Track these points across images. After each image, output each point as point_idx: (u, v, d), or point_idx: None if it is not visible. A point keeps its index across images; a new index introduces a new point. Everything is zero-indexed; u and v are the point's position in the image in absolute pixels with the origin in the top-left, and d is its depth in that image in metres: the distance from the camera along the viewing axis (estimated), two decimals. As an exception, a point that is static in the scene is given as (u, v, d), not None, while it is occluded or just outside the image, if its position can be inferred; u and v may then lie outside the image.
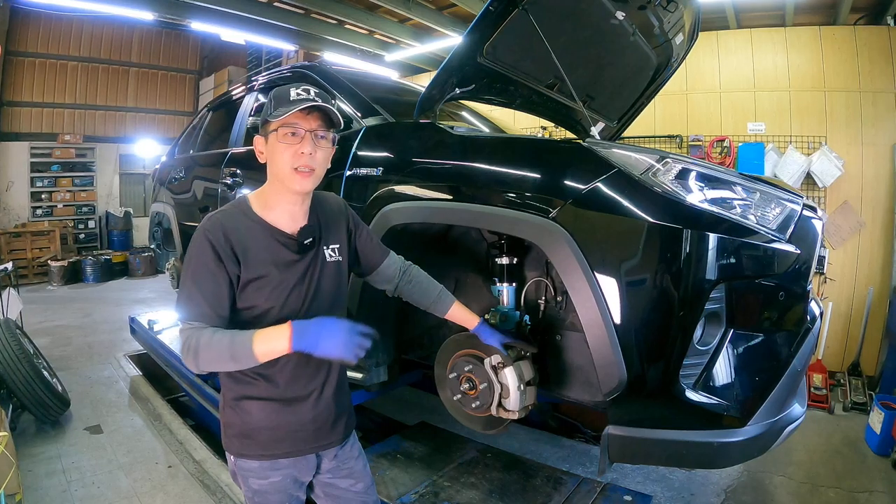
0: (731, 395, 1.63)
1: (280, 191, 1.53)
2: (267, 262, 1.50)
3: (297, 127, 1.46)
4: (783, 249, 1.63)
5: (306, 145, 1.47)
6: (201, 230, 1.48)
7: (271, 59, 10.90)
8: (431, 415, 3.49)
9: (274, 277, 1.50)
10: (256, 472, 1.59)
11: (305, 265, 1.56)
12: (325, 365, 1.62)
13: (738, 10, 5.50)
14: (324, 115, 1.50)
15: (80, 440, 3.78)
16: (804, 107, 5.35)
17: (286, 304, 1.52)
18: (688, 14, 2.87)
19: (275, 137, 1.47)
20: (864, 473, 3.57)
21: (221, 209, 1.59)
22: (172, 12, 7.06)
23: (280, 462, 1.59)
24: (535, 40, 2.33)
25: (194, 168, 4.14)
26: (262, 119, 1.52)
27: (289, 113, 1.43)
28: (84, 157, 11.91)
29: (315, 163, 1.49)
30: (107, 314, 7.52)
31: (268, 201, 1.55)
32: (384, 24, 7.37)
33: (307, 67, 3.13)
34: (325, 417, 1.64)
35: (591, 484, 2.67)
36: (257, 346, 1.36)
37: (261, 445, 1.57)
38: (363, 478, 1.79)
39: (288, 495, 1.64)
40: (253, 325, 1.48)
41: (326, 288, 1.61)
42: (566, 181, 1.76)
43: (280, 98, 1.48)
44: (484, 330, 1.84)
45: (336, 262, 1.65)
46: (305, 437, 1.61)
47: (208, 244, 1.44)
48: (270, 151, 1.50)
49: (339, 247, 1.67)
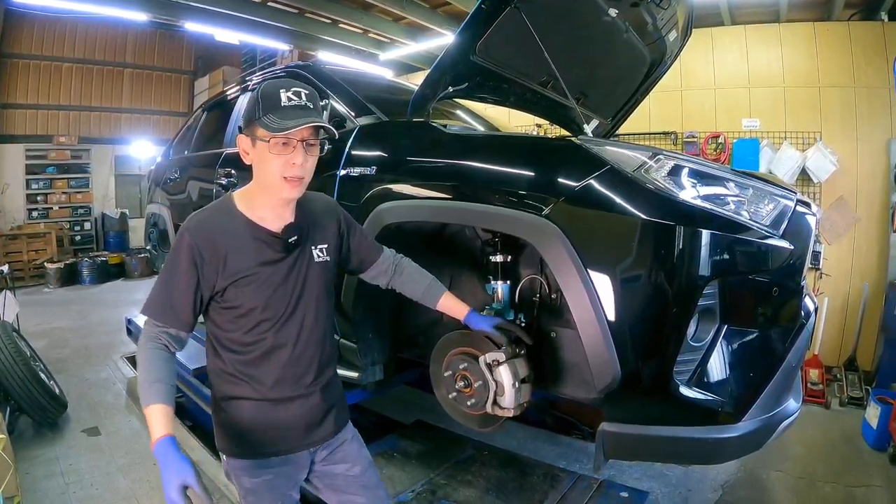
0: (726, 391, 1.64)
1: (265, 194, 1.53)
2: (250, 261, 1.49)
3: (289, 137, 1.43)
4: (776, 245, 1.64)
5: (298, 156, 1.46)
6: (183, 230, 1.49)
7: (266, 59, 10.86)
8: (428, 413, 3.49)
9: (257, 276, 1.50)
10: (248, 471, 1.58)
11: (290, 264, 1.56)
12: (313, 365, 1.62)
13: (732, 6, 5.51)
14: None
15: (78, 442, 3.78)
16: (799, 103, 5.36)
17: (270, 303, 1.52)
18: (681, 11, 2.87)
19: (264, 147, 1.44)
20: (861, 468, 3.58)
21: (205, 208, 1.58)
22: (166, 13, 7.05)
23: (271, 461, 1.59)
24: (528, 38, 2.33)
25: (189, 169, 4.13)
26: (248, 118, 1.48)
27: (285, 131, 1.40)
28: (79, 159, 11.87)
29: (305, 171, 1.49)
30: (103, 316, 7.51)
31: (254, 200, 1.55)
32: (378, 23, 7.38)
33: (301, 67, 3.13)
34: (314, 415, 1.64)
35: (588, 481, 2.68)
36: (147, 413, 1.38)
37: (250, 445, 1.57)
38: (359, 460, 1.76)
39: (281, 494, 1.63)
40: (238, 325, 1.50)
41: (313, 288, 1.61)
42: (559, 179, 1.76)
43: (270, 101, 1.44)
44: (474, 316, 1.84)
45: (324, 262, 1.64)
46: (295, 436, 1.61)
47: (186, 246, 1.45)
48: (259, 157, 1.47)
49: (328, 247, 1.66)
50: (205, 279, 1.46)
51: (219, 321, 1.53)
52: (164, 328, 1.47)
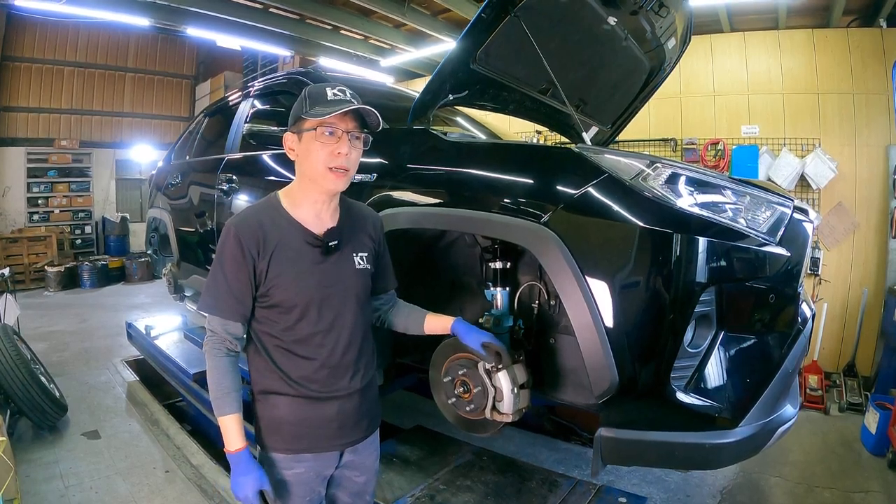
0: (723, 396, 1.65)
1: (309, 189, 1.57)
2: (294, 259, 1.54)
3: (334, 127, 1.49)
4: (773, 252, 1.65)
5: (343, 145, 1.51)
6: (229, 225, 1.54)
7: (267, 65, 10.90)
8: (427, 418, 3.49)
9: (299, 275, 1.54)
10: (281, 464, 1.61)
11: (331, 267, 1.59)
12: (350, 368, 1.64)
13: (731, 13, 5.54)
14: (359, 117, 1.54)
15: (78, 445, 3.78)
16: (798, 109, 5.38)
17: (310, 303, 1.55)
18: (680, 18, 2.90)
19: (311, 136, 1.50)
20: (860, 473, 3.58)
21: (252, 205, 1.64)
22: (168, 18, 7.08)
23: (304, 456, 1.62)
24: (528, 46, 2.35)
25: (190, 174, 4.14)
26: (295, 116, 1.54)
27: (331, 114, 1.46)
28: (80, 163, 11.86)
29: (350, 163, 1.53)
30: (104, 319, 7.51)
31: (295, 199, 1.59)
32: (379, 30, 7.41)
33: (302, 73, 3.15)
34: (349, 416, 1.66)
35: (587, 486, 2.68)
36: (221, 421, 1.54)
37: (284, 439, 1.60)
38: (368, 471, 1.81)
39: (310, 489, 1.65)
40: (278, 322, 1.55)
41: (352, 293, 1.64)
42: (557, 186, 1.78)
43: (316, 97, 1.51)
44: (460, 327, 1.78)
45: (364, 269, 1.67)
46: (329, 435, 1.63)
47: (234, 239, 1.50)
48: (304, 149, 1.53)
49: (367, 255, 1.69)
50: (256, 270, 1.51)
51: (260, 317, 1.57)
52: (226, 324, 1.53)
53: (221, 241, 1.53)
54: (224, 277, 1.51)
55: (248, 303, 1.53)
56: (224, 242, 1.52)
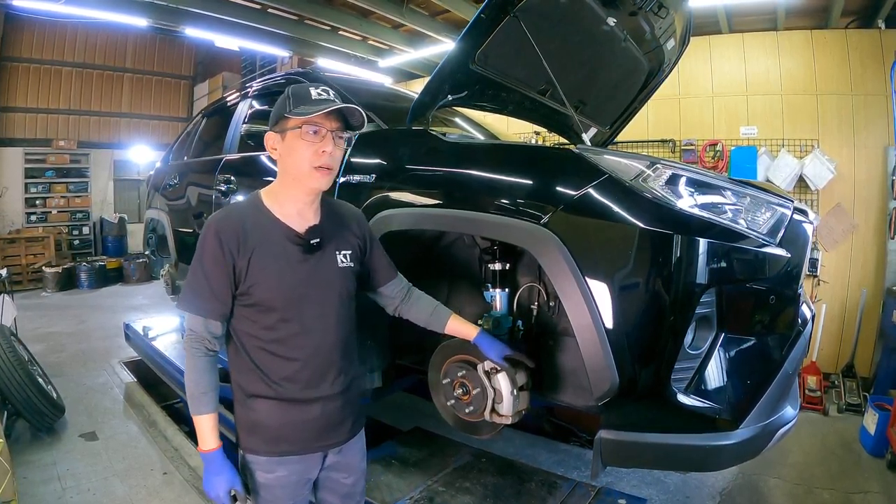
0: (723, 398, 1.64)
1: (291, 188, 1.57)
2: (275, 257, 1.53)
3: (319, 126, 1.50)
4: (773, 253, 1.65)
5: (328, 144, 1.51)
6: (209, 222, 1.54)
7: (265, 65, 10.88)
8: (426, 420, 3.48)
9: (280, 274, 1.53)
10: (263, 466, 1.60)
11: (312, 266, 1.58)
12: (332, 369, 1.63)
13: (730, 14, 5.54)
14: (342, 117, 1.55)
15: (76, 447, 3.77)
16: (796, 110, 5.39)
17: (290, 302, 1.55)
18: (679, 19, 2.89)
19: (295, 135, 1.50)
20: (859, 474, 3.59)
21: (234, 203, 1.63)
22: (167, 18, 7.08)
23: (288, 459, 1.60)
24: (527, 47, 2.35)
25: (188, 174, 4.13)
26: (278, 115, 1.54)
27: (315, 114, 1.47)
28: (78, 163, 11.84)
29: (334, 161, 1.54)
30: (101, 320, 7.50)
31: (278, 198, 1.59)
32: (377, 30, 7.40)
33: (300, 74, 3.15)
34: (333, 417, 1.65)
35: (586, 488, 2.67)
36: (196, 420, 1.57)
37: (265, 441, 1.59)
38: (355, 472, 1.79)
39: (294, 492, 1.64)
40: (258, 322, 1.54)
41: (335, 291, 1.63)
42: (557, 187, 1.77)
43: (300, 96, 1.51)
44: (484, 341, 1.81)
45: (347, 267, 1.67)
46: (312, 437, 1.62)
47: (214, 235, 1.50)
48: (288, 148, 1.53)
49: (351, 253, 1.69)
50: (235, 269, 1.50)
51: (240, 317, 1.56)
52: (205, 323, 1.53)
53: (202, 239, 1.53)
54: (204, 275, 1.51)
55: (227, 301, 1.53)
56: (204, 240, 1.52)
